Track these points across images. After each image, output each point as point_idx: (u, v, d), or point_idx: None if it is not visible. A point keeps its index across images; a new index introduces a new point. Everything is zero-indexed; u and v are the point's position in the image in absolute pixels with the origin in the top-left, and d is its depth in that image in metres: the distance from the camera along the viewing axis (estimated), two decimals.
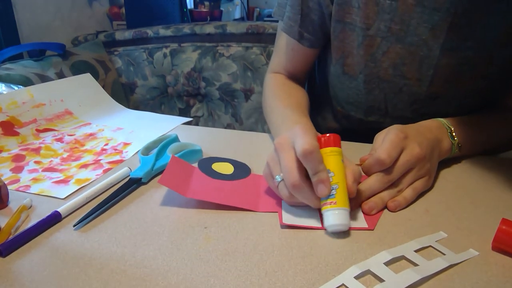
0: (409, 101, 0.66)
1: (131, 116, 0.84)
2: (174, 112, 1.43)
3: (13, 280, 0.37)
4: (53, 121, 0.76)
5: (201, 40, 1.37)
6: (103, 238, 0.43)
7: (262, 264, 0.38)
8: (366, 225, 0.44)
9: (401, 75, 0.63)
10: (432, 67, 0.61)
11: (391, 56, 0.62)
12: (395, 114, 0.68)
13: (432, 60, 0.60)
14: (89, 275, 0.37)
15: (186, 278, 0.37)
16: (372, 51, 0.63)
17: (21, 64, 1.05)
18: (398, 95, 0.65)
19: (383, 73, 0.64)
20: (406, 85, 0.64)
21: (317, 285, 0.35)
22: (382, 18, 0.60)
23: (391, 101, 0.67)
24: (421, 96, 0.64)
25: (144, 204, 0.49)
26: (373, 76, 0.65)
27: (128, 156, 0.64)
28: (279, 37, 0.76)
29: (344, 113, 0.75)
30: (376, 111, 0.69)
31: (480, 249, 0.40)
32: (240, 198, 0.49)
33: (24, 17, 1.37)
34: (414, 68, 0.62)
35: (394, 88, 0.65)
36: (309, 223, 0.44)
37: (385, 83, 0.65)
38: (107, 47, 1.41)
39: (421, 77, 0.62)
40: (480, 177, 0.55)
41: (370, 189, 0.47)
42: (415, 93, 0.64)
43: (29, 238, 0.42)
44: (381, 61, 0.63)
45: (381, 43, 0.62)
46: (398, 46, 0.61)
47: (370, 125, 0.72)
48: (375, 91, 0.67)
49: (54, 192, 0.52)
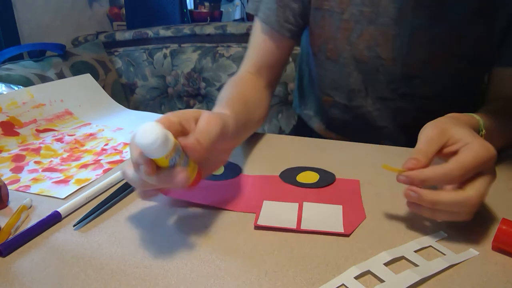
0: (386, 81, 0.68)
1: (131, 116, 0.84)
2: None
3: (13, 279, 0.37)
4: (53, 121, 0.76)
5: (201, 40, 1.37)
6: (103, 238, 0.43)
7: (262, 264, 0.38)
8: (343, 230, 0.43)
9: (377, 56, 0.66)
10: (405, 46, 0.63)
11: (366, 38, 0.65)
12: (375, 95, 0.71)
13: (404, 40, 0.63)
14: (89, 275, 0.37)
15: (186, 278, 0.37)
16: (348, 34, 0.66)
17: (21, 64, 1.06)
18: (375, 76, 0.68)
19: (360, 55, 0.67)
20: (382, 66, 0.66)
21: (317, 285, 0.35)
22: (354, 3, 0.63)
23: (370, 82, 0.69)
24: (397, 76, 0.66)
25: (144, 204, 0.49)
26: (351, 58, 0.67)
27: (128, 156, 0.64)
28: (252, 35, 0.73)
29: (330, 102, 0.77)
30: (357, 93, 0.72)
31: (480, 249, 0.40)
32: (219, 198, 0.49)
33: (24, 17, 1.37)
34: (388, 48, 0.64)
35: (371, 69, 0.67)
36: (284, 224, 0.44)
37: (362, 65, 0.68)
38: (107, 48, 1.41)
39: (395, 57, 0.65)
40: None
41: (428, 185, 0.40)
42: (391, 73, 0.67)
43: (29, 238, 0.42)
44: (356, 43, 0.66)
45: (355, 26, 0.65)
46: (371, 28, 0.64)
47: (354, 112, 0.74)
48: (354, 73, 0.69)
49: (54, 192, 0.52)
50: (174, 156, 0.36)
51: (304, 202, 0.48)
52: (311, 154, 0.63)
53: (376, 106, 0.71)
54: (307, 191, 0.51)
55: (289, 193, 0.51)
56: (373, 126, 0.75)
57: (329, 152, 0.64)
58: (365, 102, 0.72)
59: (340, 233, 0.43)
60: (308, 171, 0.56)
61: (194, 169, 0.40)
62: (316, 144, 0.68)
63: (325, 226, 0.43)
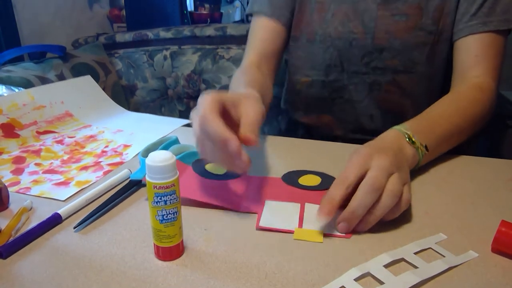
0: (360, 54, 0.75)
1: (131, 118, 0.84)
2: (175, 114, 1.43)
3: (13, 281, 0.37)
4: (53, 123, 0.76)
5: (201, 42, 1.37)
6: (103, 240, 0.43)
7: (262, 266, 0.38)
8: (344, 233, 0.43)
9: (350, 31, 0.74)
10: (373, 20, 0.72)
11: (339, 16, 0.74)
12: (350, 69, 0.77)
13: (372, 14, 0.72)
14: (89, 276, 0.37)
15: (186, 280, 0.37)
16: (323, 15, 0.75)
17: (22, 66, 1.05)
18: (349, 50, 0.75)
19: (334, 32, 0.75)
20: (355, 40, 0.74)
21: (317, 287, 0.36)
22: None
23: (345, 56, 0.76)
24: (369, 49, 0.74)
25: (144, 206, 0.49)
26: (326, 35, 0.76)
27: (128, 158, 0.64)
28: (250, 32, 0.81)
29: (308, 82, 0.82)
30: (333, 68, 0.78)
31: (479, 251, 0.40)
32: (222, 197, 0.49)
33: (25, 18, 1.37)
34: (359, 23, 0.73)
35: (345, 43, 0.75)
36: (286, 225, 0.44)
37: (337, 41, 0.75)
38: (107, 49, 1.41)
39: (365, 30, 0.73)
40: (479, 179, 0.55)
41: (362, 207, 0.42)
42: (363, 46, 0.74)
43: (30, 240, 0.42)
44: (331, 21, 0.75)
45: (329, 7, 0.75)
46: (343, 6, 0.73)
47: (331, 86, 0.80)
48: (330, 49, 0.76)
49: (54, 194, 0.52)
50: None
51: (306, 203, 0.49)
52: (313, 157, 0.63)
53: (352, 80, 0.78)
54: (309, 193, 0.51)
55: (291, 194, 0.51)
56: (350, 101, 0.80)
57: (331, 155, 0.64)
58: (341, 76, 0.78)
59: (342, 236, 0.43)
60: (310, 175, 0.56)
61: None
62: (318, 146, 0.68)
63: (327, 229, 0.44)
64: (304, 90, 0.84)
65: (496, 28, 0.66)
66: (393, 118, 0.76)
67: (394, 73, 0.73)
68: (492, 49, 0.67)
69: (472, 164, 0.60)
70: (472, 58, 0.67)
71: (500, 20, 0.66)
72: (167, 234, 0.38)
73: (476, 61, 0.66)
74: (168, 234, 0.38)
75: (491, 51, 0.66)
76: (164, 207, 0.37)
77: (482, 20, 0.66)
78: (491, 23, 0.66)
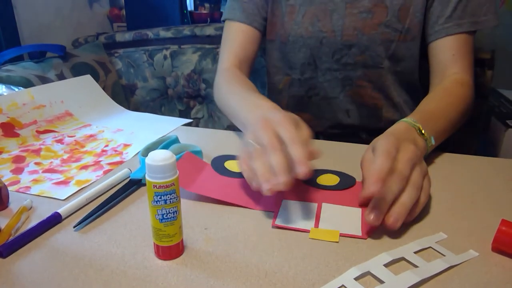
0: (330, 52, 0.79)
1: (131, 117, 0.84)
2: (174, 114, 1.43)
3: (13, 281, 0.37)
4: (53, 122, 0.76)
5: (201, 42, 1.37)
6: (103, 239, 0.43)
7: (262, 265, 0.38)
8: (360, 233, 0.43)
9: (319, 30, 0.78)
10: (341, 18, 0.75)
11: (309, 17, 0.78)
12: (322, 66, 0.81)
13: (340, 12, 0.75)
14: (89, 276, 0.37)
15: (186, 279, 0.37)
16: (294, 16, 0.79)
17: (22, 65, 1.05)
18: (320, 48, 0.79)
19: (305, 31, 0.79)
20: (325, 38, 0.78)
21: (317, 286, 0.36)
22: None
23: (317, 55, 0.80)
24: (338, 45, 0.77)
25: (144, 205, 0.49)
26: (298, 36, 0.79)
27: (128, 157, 0.64)
28: (225, 32, 0.84)
29: (289, 80, 0.86)
30: (307, 67, 0.82)
31: (480, 250, 0.40)
32: (239, 195, 0.50)
33: (25, 18, 1.37)
34: (328, 22, 0.77)
35: (316, 42, 0.79)
36: (302, 224, 0.44)
37: (308, 40, 0.79)
38: (107, 49, 1.41)
39: (334, 29, 0.77)
40: (480, 178, 0.55)
41: (390, 192, 0.43)
42: (333, 44, 0.78)
43: (30, 239, 0.42)
44: (301, 22, 0.78)
45: (299, 9, 0.78)
46: (312, 7, 0.77)
47: (307, 84, 0.84)
48: (303, 49, 0.80)
49: (54, 193, 0.52)
50: None
51: (323, 203, 0.49)
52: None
53: (326, 77, 0.82)
54: (326, 193, 0.51)
55: (309, 194, 0.51)
56: (325, 98, 0.84)
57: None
58: (315, 74, 0.82)
59: (358, 236, 0.43)
60: (329, 174, 0.56)
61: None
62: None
63: (343, 229, 0.44)
64: (286, 89, 0.87)
65: (468, 29, 0.70)
66: (369, 112, 0.82)
67: (364, 67, 0.78)
68: (466, 47, 0.71)
69: (472, 164, 0.60)
70: (450, 56, 0.71)
71: (470, 22, 0.70)
72: (167, 233, 0.38)
73: (454, 59, 0.71)
74: (168, 233, 0.38)
75: (465, 50, 0.71)
76: (164, 206, 0.37)
77: (456, 22, 0.70)
78: (464, 25, 0.70)
